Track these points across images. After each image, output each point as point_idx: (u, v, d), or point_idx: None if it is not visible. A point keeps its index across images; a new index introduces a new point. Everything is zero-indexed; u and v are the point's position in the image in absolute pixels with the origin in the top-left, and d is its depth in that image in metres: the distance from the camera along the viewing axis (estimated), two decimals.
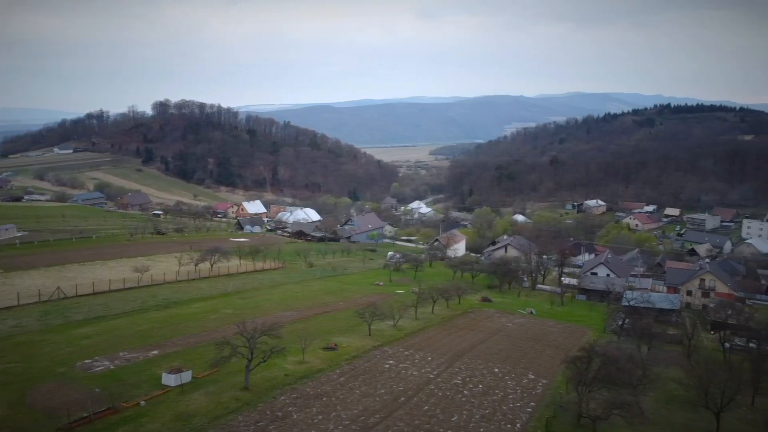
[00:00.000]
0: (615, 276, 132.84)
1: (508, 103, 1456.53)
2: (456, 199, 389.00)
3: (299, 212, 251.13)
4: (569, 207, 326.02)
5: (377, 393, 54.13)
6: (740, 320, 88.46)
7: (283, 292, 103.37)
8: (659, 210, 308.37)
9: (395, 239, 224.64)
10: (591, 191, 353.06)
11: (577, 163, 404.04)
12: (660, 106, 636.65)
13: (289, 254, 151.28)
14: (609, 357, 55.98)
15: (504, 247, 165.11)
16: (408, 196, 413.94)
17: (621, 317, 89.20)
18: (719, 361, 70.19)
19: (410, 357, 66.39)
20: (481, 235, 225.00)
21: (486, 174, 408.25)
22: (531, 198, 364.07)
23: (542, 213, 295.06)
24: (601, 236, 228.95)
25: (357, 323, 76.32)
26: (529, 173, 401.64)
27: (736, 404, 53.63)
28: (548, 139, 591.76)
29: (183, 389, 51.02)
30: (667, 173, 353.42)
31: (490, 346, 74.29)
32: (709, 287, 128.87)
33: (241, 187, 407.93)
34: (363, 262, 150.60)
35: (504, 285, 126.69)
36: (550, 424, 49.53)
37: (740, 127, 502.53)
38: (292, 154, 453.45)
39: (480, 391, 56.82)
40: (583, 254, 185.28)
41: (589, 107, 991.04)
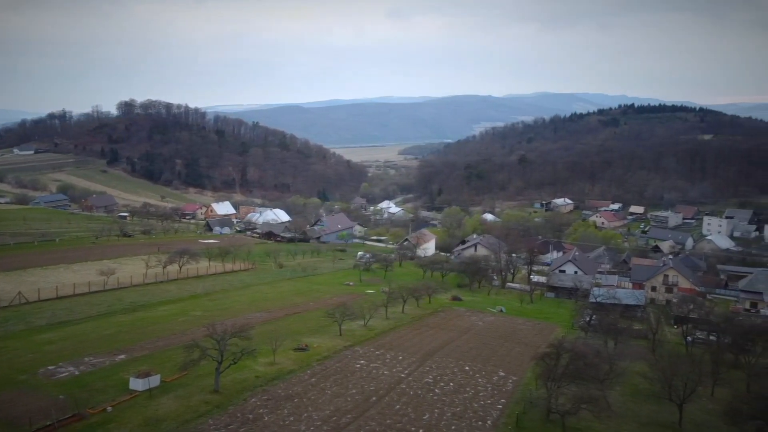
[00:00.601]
0: (582, 273, 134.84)
1: (477, 102, 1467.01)
2: (425, 198, 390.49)
3: (269, 213, 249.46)
4: (537, 206, 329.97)
5: (349, 393, 54.11)
6: (701, 314, 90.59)
7: (253, 293, 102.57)
8: (624, 208, 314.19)
9: (365, 239, 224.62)
10: (559, 190, 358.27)
11: (545, 162, 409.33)
12: (624, 107, 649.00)
13: (259, 255, 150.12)
14: (577, 353, 56.81)
15: (473, 246, 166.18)
16: (377, 196, 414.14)
17: (588, 314, 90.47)
18: (682, 355, 71.90)
19: (381, 356, 66.50)
20: (450, 235, 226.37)
21: (455, 173, 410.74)
22: (500, 197, 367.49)
23: (511, 212, 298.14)
24: (569, 234, 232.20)
25: (327, 323, 76.14)
26: (498, 172, 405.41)
27: (697, 395, 55.07)
28: (516, 138, 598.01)
29: (151, 393, 50.25)
30: (632, 172, 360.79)
31: (461, 344, 74.85)
32: (672, 283, 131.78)
33: (210, 188, 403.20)
34: (333, 262, 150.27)
35: (474, 284, 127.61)
36: (521, 420, 50.17)
37: (700, 127, 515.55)
38: (262, 155, 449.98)
39: (451, 389, 57.21)
40: (551, 252, 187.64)
41: (556, 107, 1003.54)
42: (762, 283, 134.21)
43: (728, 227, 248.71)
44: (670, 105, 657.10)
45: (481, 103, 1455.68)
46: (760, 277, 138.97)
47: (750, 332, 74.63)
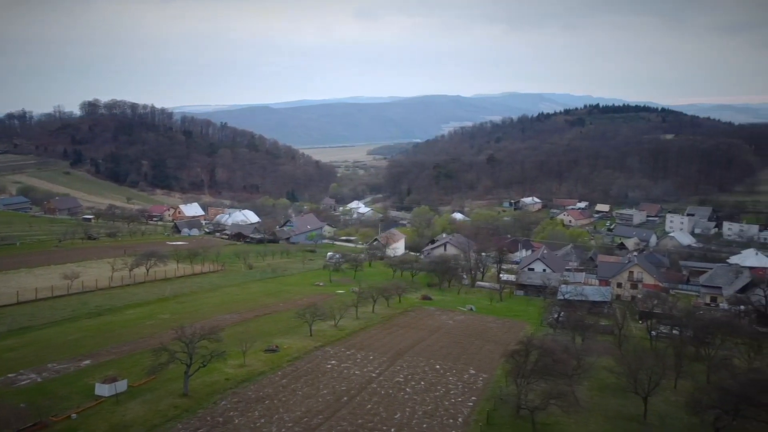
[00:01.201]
0: (551, 271, 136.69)
1: (446, 102, 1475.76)
2: (394, 198, 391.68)
3: (238, 214, 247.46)
4: (506, 205, 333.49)
5: (320, 393, 53.95)
6: (665, 309, 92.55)
7: (223, 295, 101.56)
8: (591, 206, 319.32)
9: (334, 239, 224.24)
10: (527, 189, 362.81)
11: (513, 161, 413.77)
12: (590, 107, 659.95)
13: (228, 256, 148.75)
14: (546, 349, 57.63)
15: (443, 246, 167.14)
16: (347, 196, 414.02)
17: (557, 310, 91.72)
18: (646, 349, 73.45)
19: (352, 356, 66.47)
20: (420, 234, 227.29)
21: (424, 173, 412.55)
22: (469, 196, 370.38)
23: (480, 211, 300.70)
24: (537, 233, 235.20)
25: (298, 324, 75.80)
26: (467, 172, 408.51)
27: (661, 388, 56.27)
28: (485, 138, 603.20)
29: (118, 399, 49.30)
30: (598, 171, 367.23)
31: (432, 343, 75.22)
32: (637, 279, 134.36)
33: (178, 189, 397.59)
34: (303, 262, 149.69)
35: (444, 283, 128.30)
36: (491, 417, 50.66)
37: (662, 126, 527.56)
38: (230, 156, 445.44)
39: (422, 387, 57.47)
40: (520, 251, 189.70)
41: (524, 107, 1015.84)
42: (721, 278, 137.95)
43: (689, 224, 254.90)
44: (633, 105, 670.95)
45: (450, 103, 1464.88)
46: (719, 272, 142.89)
47: (710, 326, 76.68)
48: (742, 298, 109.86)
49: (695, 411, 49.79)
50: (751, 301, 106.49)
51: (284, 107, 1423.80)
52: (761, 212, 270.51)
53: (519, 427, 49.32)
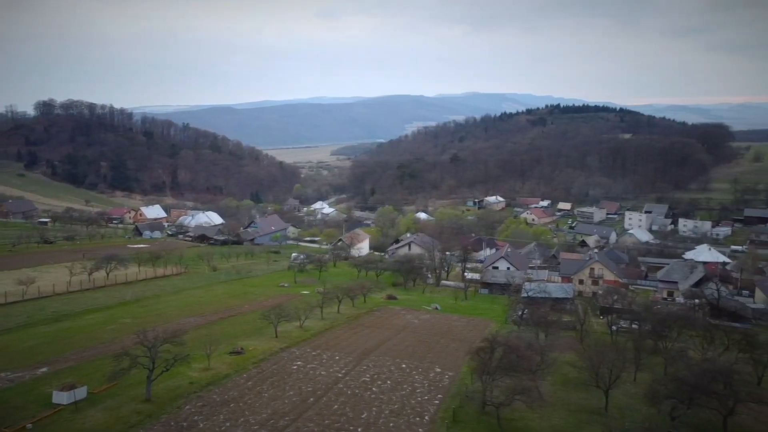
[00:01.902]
0: (515, 269, 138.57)
1: (409, 102, 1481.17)
2: (358, 198, 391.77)
3: (201, 216, 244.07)
4: (470, 204, 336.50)
5: (286, 395, 53.67)
6: (624, 304, 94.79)
7: (186, 298, 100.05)
8: (553, 205, 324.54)
9: (299, 240, 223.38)
10: (490, 188, 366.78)
11: (477, 160, 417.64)
12: (551, 107, 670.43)
13: (192, 259, 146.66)
14: (510, 346, 58.36)
15: (407, 245, 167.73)
16: (311, 196, 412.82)
17: (521, 308, 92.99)
18: (607, 343, 75.02)
19: (318, 357, 66.29)
20: (384, 234, 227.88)
21: (388, 173, 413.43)
22: (433, 195, 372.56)
23: (444, 210, 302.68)
24: (501, 231, 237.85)
25: (263, 325, 75.24)
26: (431, 171, 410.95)
27: (621, 381, 57.72)
28: (448, 137, 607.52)
29: (77, 407, 48.14)
30: (559, 169, 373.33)
31: (397, 342, 75.49)
32: (598, 276, 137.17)
33: (139, 191, 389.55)
34: (267, 264, 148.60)
35: (409, 282, 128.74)
36: (457, 414, 51.13)
37: (620, 126, 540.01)
38: (192, 157, 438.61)
39: (388, 387, 57.65)
40: (484, 249, 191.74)
41: (486, 107, 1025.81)
42: (677, 273, 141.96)
43: (647, 221, 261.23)
44: (593, 105, 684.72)
45: (413, 103, 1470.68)
46: (675, 267, 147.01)
47: (667, 319, 79.05)
48: (696, 292, 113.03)
49: (653, 402, 51.27)
50: (705, 294, 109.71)
51: (247, 108, 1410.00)
52: (713, 209, 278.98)
53: (484, 424, 49.91)
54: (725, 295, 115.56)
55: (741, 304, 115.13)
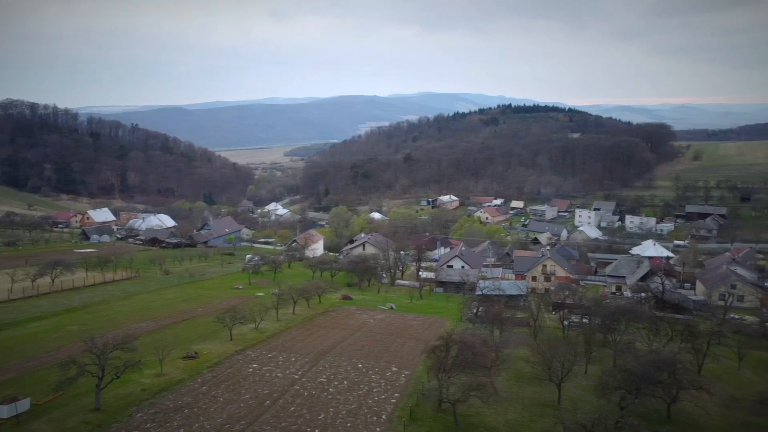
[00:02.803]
0: (469, 267, 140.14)
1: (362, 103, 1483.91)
2: (312, 199, 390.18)
3: (152, 218, 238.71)
4: (424, 203, 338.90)
5: (242, 399, 53.01)
6: (575, 300, 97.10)
7: (137, 303, 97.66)
8: (506, 203, 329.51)
9: (253, 242, 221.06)
10: (444, 187, 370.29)
11: (430, 160, 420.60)
12: (503, 106, 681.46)
13: (143, 262, 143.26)
14: (465, 344, 59.04)
15: (362, 245, 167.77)
16: (264, 198, 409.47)
17: (475, 306, 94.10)
18: (559, 338, 76.92)
19: (274, 359, 65.69)
20: (338, 234, 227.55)
21: (341, 173, 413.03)
22: (387, 195, 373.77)
23: (398, 210, 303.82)
24: (455, 230, 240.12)
25: (217, 328, 74.14)
26: (384, 171, 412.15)
27: (573, 374, 59.20)
28: (402, 137, 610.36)
29: (19, 420, 46.26)
30: (512, 168, 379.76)
31: (353, 342, 75.45)
32: (550, 272, 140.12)
33: (86, 194, 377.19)
34: (221, 266, 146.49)
35: (363, 282, 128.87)
36: (414, 412, 51.44)
37: (569, 126, 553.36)
38: (142, 159, 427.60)
39: (345, 387, 57.59)
40: (438, 248, 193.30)
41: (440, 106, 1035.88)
42: (624, 268, 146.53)
43: (596, 218, 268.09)
44: (543, 105, 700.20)
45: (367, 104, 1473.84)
46: (623, 262, 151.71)
47: (615, 313, 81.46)
48: (642, 286, 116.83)
49: (603, 393, 52.84)
50: (650, 288, 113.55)
51: (199, 109, 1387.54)
52: (657, 206, 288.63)
53: (441, 421, 50.38)
54: (669, 289, 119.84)
55: (683, 297, 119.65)
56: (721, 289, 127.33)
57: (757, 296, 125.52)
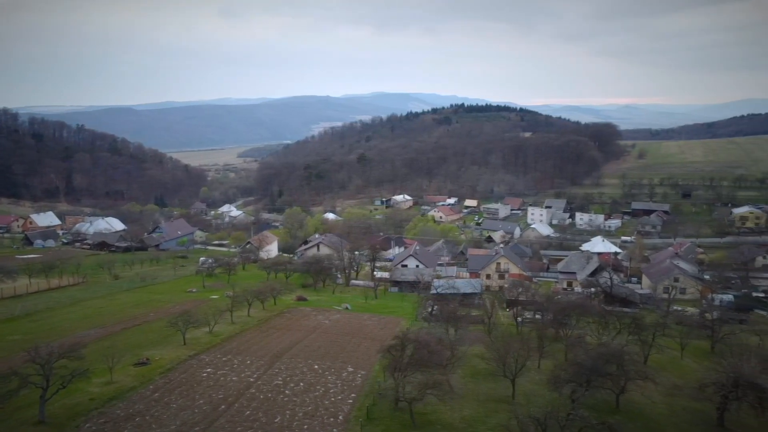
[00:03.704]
0: (424, 266, 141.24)
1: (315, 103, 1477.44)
2: (266, 200, 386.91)
3: (100, 222, 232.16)
4: (378, 203, 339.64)
5: (196, 404, 52.12)
6: (528, 296, 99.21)
7: (85, 309, 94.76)
8: (460, 202, 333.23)
9: (207, 244, 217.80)
10: (398, 187, 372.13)
11: (384, 160, 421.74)
12: (455, 106, 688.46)
13: (91, 267, 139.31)
14: (421, 342, 59.46)
15: (316, 246, 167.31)
16: (218, 199, 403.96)
17: (430, 304, 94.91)
18: (513, 334, 78.40)
19: (228, 362, 64.81)
20: (292, 235, 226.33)
21: (295, 174, 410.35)
22: (341, 196, 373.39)
23: (352, 210, 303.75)
24: (409, 229, 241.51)
25: (170, 333, 72.64)
26: (338, 171, 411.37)
27: (526, 369, 60.29)
28: (355, 137, 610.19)
29: None
30: (465, 167, 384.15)
31: (309, 343, 75.09)
32: (504, 270, 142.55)
33: (28, 197, 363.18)
34: (174, 269, 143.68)
35: (318, 283, 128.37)
36: (371, 412, 51.58)
37: (521, 125, 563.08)
38: (89, 161, 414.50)
39: (301, 389, 57.29)
40: (393, 248, 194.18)
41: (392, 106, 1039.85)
42: (575, 264, 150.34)
43: (548, 216, 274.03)
44: (495, 105, 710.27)
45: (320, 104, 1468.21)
46: (573, 259, 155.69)
47: (566, 308, 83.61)
48: (592, 281, 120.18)
49: (555, 387, 54.18)
50: (600, 283, 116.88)
51: (148, 109, 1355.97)
52: (605, 203, 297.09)
53: (398, 419, 50.67)
54: (617, 283, 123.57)
55: (630, 291, 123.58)
56: (665, 282, 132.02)
57: (698, 288, 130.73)
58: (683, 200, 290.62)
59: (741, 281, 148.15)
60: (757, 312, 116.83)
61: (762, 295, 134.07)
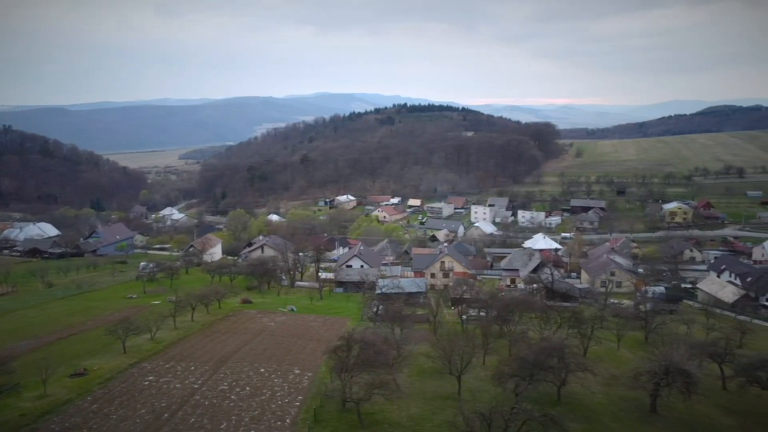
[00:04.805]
0: (368, 266, 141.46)
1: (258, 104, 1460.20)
2: (209, 203, 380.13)
3: (32, 228, 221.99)
4: (322, 203, 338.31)
5: (137, 414, 50.74)
6: (473, 294, 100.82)
7: (16, 320, 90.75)
8: (403, 201, 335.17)
9: (147, 248, 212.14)
10: (341, 187, 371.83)
11: (327, 160, 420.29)
12: (398, 106, 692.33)
13: (22, 275, 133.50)
14: (367, 342, 59.73)
15: (260, 248, 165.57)
16: (159, 202, 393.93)
17: (375, 304, 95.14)
18: (458, 332, 79.62)
19: (172, 369, 63.35)
20: (236, 238, 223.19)
21: (238, 176, 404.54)
22: (284, 197, 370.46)
23: (296, 211, 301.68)
24: (353, 230, 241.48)
25: (109, 341, 70.44)
26: (281, 173, 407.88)
27: (472, 366, 61.56)
28: (298, 138, 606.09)
29: None
30: (408, 167, 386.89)
31: (255, 347, 74.22)
32: (448, 268, 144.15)
33: None
34: (113, 275, 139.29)
35: (263, 285, 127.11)
36: (318, 414, 51.47)
37: (463, 124, 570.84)
38: (18, 163, 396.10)
39: (247, 393, 56.61)
40: (337, 248, 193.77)
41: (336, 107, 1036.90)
42: (518, 261, 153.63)
43: (491, 214, 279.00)
44: (438, 105, 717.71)
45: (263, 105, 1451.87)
46: (516, 256, 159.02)
47: (510, 305, 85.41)
48: (534, 278, 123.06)
49: (500, 382, 55.47)
50: (541, 279, 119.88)
51: (83, 109, 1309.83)
52: (546, 201, 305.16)
53: (345, 420, 50.75)
54: (558, 279, 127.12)
55: (570, 286, 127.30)
56: (603, 276, 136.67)
57: (633, 281, 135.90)
58: (618, 197, 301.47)
59: (671, 273, 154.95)
60: (685, 302, 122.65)
61: (689, 286, 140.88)
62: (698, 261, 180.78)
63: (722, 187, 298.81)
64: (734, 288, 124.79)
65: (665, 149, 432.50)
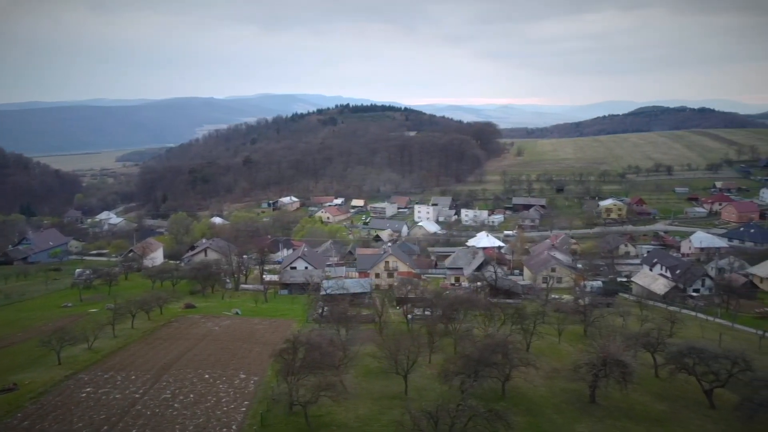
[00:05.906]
0: (313, 268, 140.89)
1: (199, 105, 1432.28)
2: (149, 206, 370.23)
3: None
4: (265, 205, 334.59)
5: (74, 429, 48.81)
6: (418, 293, 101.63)
7: None
8: (347, 202, 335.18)
9: (84, 254, 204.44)
10: (284, 188, 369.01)
11: (270, 162, 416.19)
12: (341, 106, 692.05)
13: None
14: (312, 344, 59.40)
15: (203, 251, 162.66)
16: (95, 206, 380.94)
17: (321, 306, 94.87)
18: (404, 332, 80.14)
19: (111, 380, 61.30)
20: (178, 241, 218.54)
21: (179, 178, 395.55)
22: (227, 199, 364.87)
23: (239, 213, 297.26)
24: (297, 231, 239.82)
25: (43, 353, 67.55)
26: (224, 175, 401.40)
27: (418, 365, 62.04)
28: (240, 139, 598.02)
29: None
30: (351, 167, 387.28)
31: (198, 352, 72.68)
32: (393, 268, 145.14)
33: None
34: (46, 283, 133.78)
35: (207, 289, 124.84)
36: (265, 418, 50.90)
37: (406, 124, 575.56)
38: None
39: (191, 400, 55.39)
40: (281, 250, 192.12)
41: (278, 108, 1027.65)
42: (462, 259, 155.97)
43: (434, 213, 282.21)
44: (380, 105, 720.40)
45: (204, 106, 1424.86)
46: (460, 254, 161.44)
47: (454, 303, 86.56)
48: (478, 276, 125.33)
49: (446, 380, 56.22)
50: (485, 277, 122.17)
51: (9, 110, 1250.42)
52: (488, 199, 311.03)
53: (293, 424, 50.36)
54: (501, 276, 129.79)
55: (513, 283, 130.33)
56: (544, 273, 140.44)
57: (572, 277, 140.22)
58: (557, 195, 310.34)
59: (608, 268, 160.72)
60: (621, 295, 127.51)
61: (625, 280, 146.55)
62: (632, 255, 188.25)
63: (653, 185, 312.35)
64: (665, 280, 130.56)
65: (600, 148, 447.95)
